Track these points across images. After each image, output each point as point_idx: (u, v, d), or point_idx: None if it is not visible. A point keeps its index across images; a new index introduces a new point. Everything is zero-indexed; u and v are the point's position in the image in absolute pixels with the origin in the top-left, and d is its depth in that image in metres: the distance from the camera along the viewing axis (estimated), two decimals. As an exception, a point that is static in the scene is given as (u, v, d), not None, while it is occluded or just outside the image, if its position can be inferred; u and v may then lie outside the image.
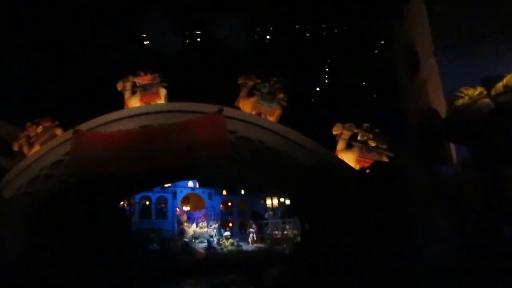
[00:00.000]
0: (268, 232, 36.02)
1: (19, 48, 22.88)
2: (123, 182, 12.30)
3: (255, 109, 10.99)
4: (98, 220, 13.29)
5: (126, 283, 17.72)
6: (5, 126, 13.53)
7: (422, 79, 11.47)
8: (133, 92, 11.83)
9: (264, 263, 24.79)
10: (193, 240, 30.79)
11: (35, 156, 11.67)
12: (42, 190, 11.32)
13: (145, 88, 11.76)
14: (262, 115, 10.89)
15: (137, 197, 32.54)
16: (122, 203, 31.56)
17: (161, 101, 11.69)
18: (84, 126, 11.46)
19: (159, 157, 10.81)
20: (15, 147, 12.10)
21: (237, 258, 26.41)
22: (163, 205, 34.19)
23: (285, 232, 36.40)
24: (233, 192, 41.50)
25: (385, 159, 10.32)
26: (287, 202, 45.76)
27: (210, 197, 37.81)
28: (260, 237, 34.36)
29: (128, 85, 11.88)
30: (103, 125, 11.37)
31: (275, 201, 45.47)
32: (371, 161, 10.30)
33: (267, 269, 22.18)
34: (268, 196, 45.64)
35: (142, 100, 11.67)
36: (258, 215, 41.65)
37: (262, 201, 45.33)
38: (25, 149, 11.99)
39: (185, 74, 26.29)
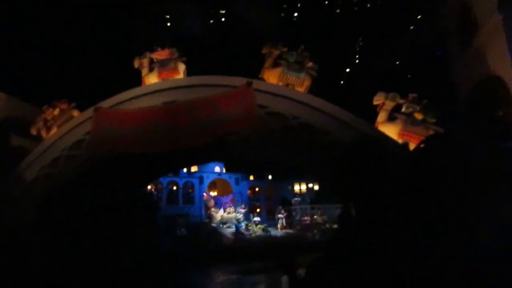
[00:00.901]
0: (297, 218, 35.14)
1: (35, 29, 22.61)
2: (146, 164, 11.62)
3: (282, 80, 9.93)
4: (121, 202, 12.75)
5: (154, 267, 17.38)
6: (26, 107, 13.12)
7: (479, 45, 9.98)
8: (151, 69, 11.03)
9: (296, 250, 23.97)
10: (220, 226, 30.38)
11: (56, 136, 11.15)
12: (64, 171, 10.81)
13: (162, 64, 10.94)
14: (290, 87, 9.83)
15: (164, 182, 32.38)
16: (149, 187, 31.53)
17: (180, 76, 10.83)
18: (105, 104, 10.78)
19: (184, 135, 10.00)
20: (33, 131, 11.71)
21: (266, 244, 25.72)
22: (190, 190, 33.90)
23: (314, 217, 35.43)
24: (260, 177, 40.76)
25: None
26: (316, 187, 44.68)
27: (237, 183, 37.23)
28: (289, 223, 33.52)
29: (145, 62, 11.08)
30: (124, 102, 10.65)
31: (303, 187, 44.49)
32: (416, 136, 9.09)
33: (300, 256, 21.34)
34: (296, 182, 44.71)
35: (160, 77, 10.85)
36: (286, 201, 40.80)
37: (290, 187, 44.46)
38: (43, 133, 11.57)
39: (207, 55, 25.30)
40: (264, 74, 10.16)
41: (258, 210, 37.94)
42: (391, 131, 9.15)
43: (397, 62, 23.73)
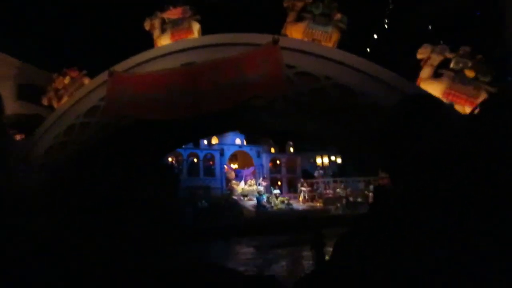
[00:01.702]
0: (319, 191, 34.42)
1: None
2: (165, 132, 10.92)
3: (307, 36, 8.83)
4: (141, 172, 12.22)
5: (176, 240, 17.12)
6: (40, 74, 12.57)
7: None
8: (163, 30, 10.12)
9: (319, 224, 23.36)
10: (241, 198, 30.01)
11: (69, 103, 10.56)
12: (79, 140, 10.25)
13: (175, 24, 9.99)
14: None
15: (185, 154, 32.05)
16: (170, 159, 31.29)
17: (195, 36, 9.87)
18: (118, 68, 10.03)
19: (204, 100, 9.17)
20: (44, 102, 11.21)
21: (289, 218, 25.18)
22: (211, 163, 33.49)
23: (337, 190, 34.63)
24: (281, 150, 39.95)
25: (483, 96, 7.87)
26: (339, 160, 43.61)
27: (258, 155, 36.56)
28: (311, 196, 32.86)
29: (157, 23, 10.16)
30: (138, 66, 9.87)
31: (326, 160, 43.50)
32: (464, 97, 7.93)
33: (325, 230, 20.70)
34: (319, 155, 43.72)
35: (173, 38, 9.93)
36: (308, 173, 40.04)
37: (312, 160, 43.56)
38: (54, 103, 11.05)
39: (221, 12, 23.76)
40: (287, 30, 9.08)
41: (279, 183, 37.36)
42: (435, 89, 8.01)
43: (435, 19, 21.54)
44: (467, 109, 7.74)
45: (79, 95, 10.47)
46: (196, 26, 9.99)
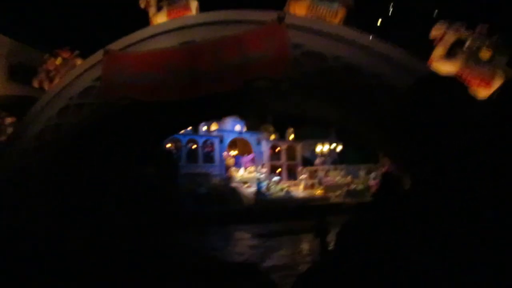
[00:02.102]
0: (319, 178, 34.14)
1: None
2: (164, 116, 10.45)
3: (312, 12, 8.27)
4: (138, 157, 11.80)
5: (175, 227, 16.81)
6: (32, 53, 12.01)
7: None
8: (159, 8, 9.56)
9: (320, 212, 23.09)
10: (241, 185, 29.70)
11: (63, 83, 10.05)
12: (74, 122, 9.78)
13: (172, 1, 9.44)
14: (321, 21, 8.19)
15: (184, 140, 31.60)
16: (169, 145, 30.85)
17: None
18: (114, 46, 9.49)
19: (205, 81, 8.69)
20: (35, 84, 10.74)
21: (289, 205, 24.93)
22: (210, 149, 33.06)
23: (337, 178, 34.36)
24: (281, 137, 39.51)
25: (499, 78, 7.42)
26: (339, 148, 43.27)
27: (258, 142, 36.11)
28: (311, 184, 32.57)
29: (152, 0, 9.61)
30: (135, 44, 9.33)
31: (326, 147, 43.16)
32: (478, 78, 7.46)
33: (327, 217, 20.39)
34: (319, 142, 43.37)
35: (169, 16, 9.37)
36: (308, 161, 39.71)
37: (312, 147, 43.21)
38: (45, 85, 10.58)
39: None
40: (290, 7, 8.53)
41: (279, 170, 37.02)
42: (447, 69, 7.53)
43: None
44: (481, 92, 7.32)
45: (73, 75, 9.96)
46: (194, 4, 9.43)
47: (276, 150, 38.63)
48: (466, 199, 5.58)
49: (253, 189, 28.41)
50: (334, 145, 43.87)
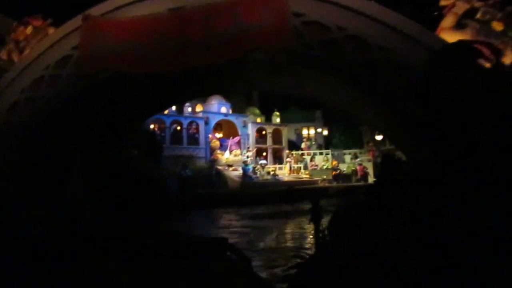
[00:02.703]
0: (304, 162, 33.92)
1: None
2: (148, 90, 9.67)
3: None
4: (119, 136, 11.02)
5: (159, 209, 16.15)
6: (4, 21, 10.93)
7: None
8: None
9: (309, 195, 22.83)
10: (226, 168, 29.15)
11: (36, 51, 9.11)
12: (48, 95, 8.90)
13: None
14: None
15: (168, 121, 30.64)
16: (152, 126, 29.85)
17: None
18: (95, 11, 8.60)
19: (195, 51, 7.95)
20: (3, 55, 9.81)
21: (275, 188, 24.57)
22: (195, 131, 32.23)
23: (323, 163, 34.24)
24: (268, 120, 38.96)
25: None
26: (325, 132, 43.05)
27: (244, 125, 35.45)
28: (297, 168, 32.31)
29: None
30: (118, 9, 8.45)
31: (312, 131, 42.92)
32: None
33: (318, 201, 20.09)
34: (305, 126, 43.08)
35: None
36: (294, 145, 39.43)
37: (298, 131, 42.93)
38: (14, 56, 9.66)
39: None
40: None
41: (264, 153, 36.57)
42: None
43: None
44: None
45: (49, 42, 9.03)
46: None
47: (262, 133, 38.11)
48: (478, 194, 5.04)
49: (238, 172, 27.92)
50: (320, 129, 43.66)
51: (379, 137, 37.87)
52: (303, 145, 37.77)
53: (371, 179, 30.22)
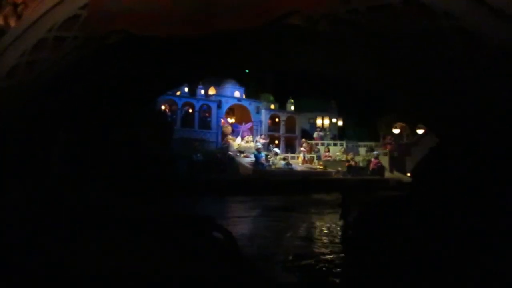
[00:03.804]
0: (318, 153, 32.79)
1: None
2: (161, 58, 8.60)
3: None
4: (128, 111, 10.03)
5: (169, 192, 15.28)
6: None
7: None
8: None
9: (322, 187, 21.77)
10: (238, 154, 28.18)
11: (40, 11, 8.05)
12: (51, 59, 7.89)
13: None
14: None
15: (180, 103, 29.67)
16: (163, 107, 28.93)
17: None
18: (107, -36, 7.49)
19: (220, 14, 6.81)
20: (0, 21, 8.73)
21: (289, 178, 23.53)
22: (207, 114, 31.25)
23: (337, 154, 33.10)
24: (282, 107, 37.78)
25: None
26: (340, 123, 41.77)
27: (257, 111, 34.36)
28: (310, 158, 31.20)
29: None
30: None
31: (326, 121, 41.67)
32: None
33: (330, 194, 19.13)
34: (319, 115, 41.81)
35: None
36: (307, 134, 38.27)
37: (311, 120, 41.68)
38: (12, 22, 8.59)
39: None
40: None
41: (276, 141, 35.53)
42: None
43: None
44: None
45: (53, 1, 7.96)
46: None
47: (276, 120, 37.01)
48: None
49: (250, 159, 26.95)
50: (334, 119, 42.39)
51: (396, 131, 36.49)
52: (315, 135, 36.58)
53: (387, 174, 29.02)
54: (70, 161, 7.81)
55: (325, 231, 10.29)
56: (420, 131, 32.20)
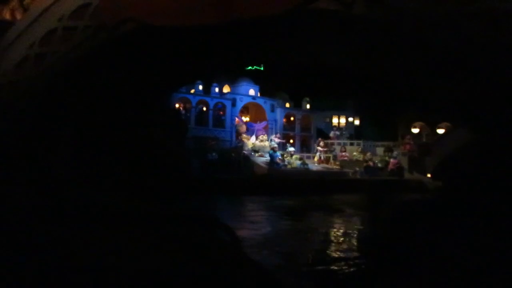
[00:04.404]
0: (334, 153, 31.98)
1: None
2: (175, 50, 8.05)
3: None
4: (141, 107, 9.53)
5: (182, 192, 14.77)
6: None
7: None
8: None
9: (338, 188, 21.03)
10: (252, 153, 27.60)
11: (48, 1, 7.61)
12: (61, 51, 7.41)
13: None
14: None
15: (194, 101, 29.25)
16: (177, 105, 28.56)
17: None
18: None
19: (240, 0, 6.22)
20: (6, 15, 8.47)
21: (305, 178, 22.83)
22: (221, 113, 30.75)
23: (354, 154, 32.22)
24: (297, 105, 37.07)
25: None
26: (356, 122, 40.88)
27: (272, 109, 33.72)
28: (326, 158, 30.41)
29: None
30: None
31: (343, 120, 40.79)
32: None
33: (348, 195, 18.43)
34: (335, 114, 40.96)
35: None
36: (323, 133, 37.47)
37: (327, 119, 40.85)
38: (18, 15, 8.34)
39: None
40: None
41: (291, 141, 34.84)
42: None
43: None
44: None
45: (63, -11, 7.49)
46: None
47: (291, 119, 36.32)
48: None
49: (265, 158, 26.34)
50: (351, 118, 41.52)
51: (415, 130, 35.44)
52: (331, 134, 35.73)
53: (407, 175, 28.06)
54: (77, 159, 7.33)
55: (352, 235, 9.61)
56: (440, 131, 31.09)
